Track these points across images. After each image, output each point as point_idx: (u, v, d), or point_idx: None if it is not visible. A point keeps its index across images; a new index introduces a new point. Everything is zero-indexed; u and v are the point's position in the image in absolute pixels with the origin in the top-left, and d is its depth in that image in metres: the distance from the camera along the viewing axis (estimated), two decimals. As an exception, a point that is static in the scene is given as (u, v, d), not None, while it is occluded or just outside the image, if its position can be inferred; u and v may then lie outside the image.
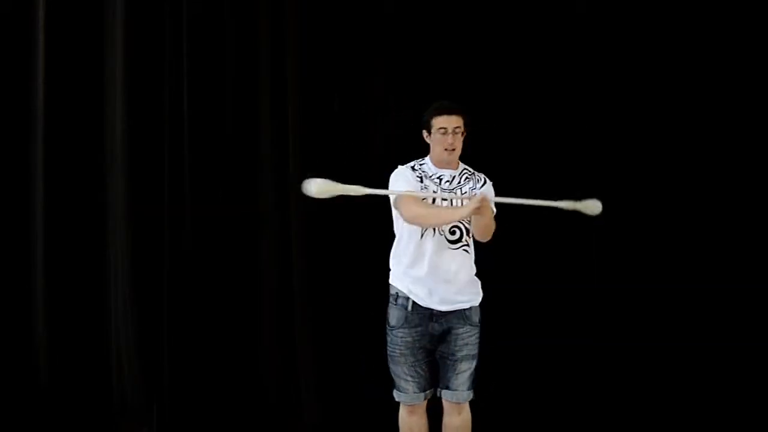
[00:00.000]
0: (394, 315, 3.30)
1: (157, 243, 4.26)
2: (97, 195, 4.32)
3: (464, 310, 3.27)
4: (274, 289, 4.27)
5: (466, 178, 3.33)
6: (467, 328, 3.29)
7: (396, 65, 4.22)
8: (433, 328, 3.27)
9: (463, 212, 3.07)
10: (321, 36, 4.23)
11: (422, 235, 3.22)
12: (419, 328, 3.26)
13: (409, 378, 3.29)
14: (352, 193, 3.12)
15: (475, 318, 3.32)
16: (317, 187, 3.09)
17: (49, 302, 4.29)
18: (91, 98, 4.31)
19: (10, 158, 4.32)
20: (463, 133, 3.27)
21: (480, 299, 3.32)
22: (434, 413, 3.42)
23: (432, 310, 3.25)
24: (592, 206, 3.21)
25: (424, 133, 3.33)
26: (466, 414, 3.37)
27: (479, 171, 3.37)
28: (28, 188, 4.31)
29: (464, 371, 3.30)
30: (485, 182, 3.34)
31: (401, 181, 3.27)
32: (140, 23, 4.23)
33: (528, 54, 4.17)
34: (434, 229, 3.22)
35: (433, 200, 3.25)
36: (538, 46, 4.17)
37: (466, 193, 3.28)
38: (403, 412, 3.39)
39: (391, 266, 3.36)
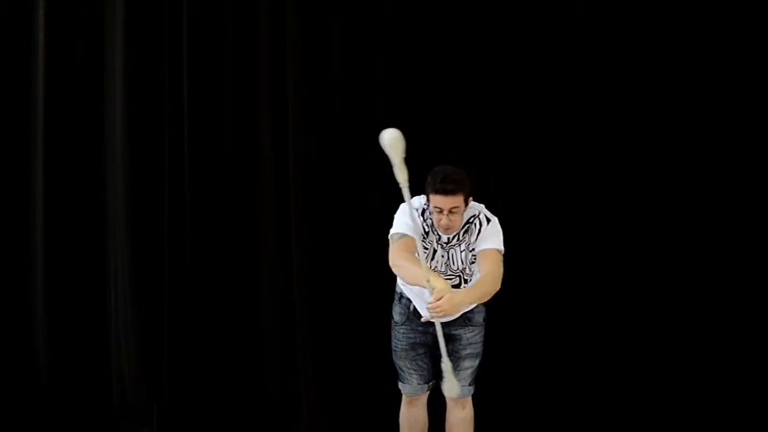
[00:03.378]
0: (397, 312, 3.36)
1: (157, 243, 4.26)
2: (97, 195, 4.32)
3: (465, 313, 3.25)
4: (275, 289, 4.26)
5: (465, 231, 3.12)
6: (469, 328, 3.30)
7: (396, 65, 4.22)
8: (434, 330, 3.26)
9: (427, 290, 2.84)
10: (321, 36, 4.23)
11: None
12: (420, 327, 3.31)
13: (413, 371, 3.35)
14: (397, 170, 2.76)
15: (479, 318, 3.32)
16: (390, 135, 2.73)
17: (49, 302, 4.29)
18: (91, 98, 4.31)
19: (10, 158, 4.32)
20: (467, 203, 3.04)
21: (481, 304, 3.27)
22: (439, 408, 3.44)
23: None
24: (449, 387, 3.00)
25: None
26: (469, 409, 3.41)
27: (481, 173, 3.37)
28: (28, 188, 4.31)
29: (466, 368, 3.33)
30: (480, 227, 3.10)
31: (403, 220, 3.06)
32: (140, 23, 4.23)
33: (528, 54, 4.17)
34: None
35: (434, 253, 3.15)
36: (538, 46, 4.17)
37: (464, 251, 3.12)
38: (403, 404, 3.44)
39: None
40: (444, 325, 3.22)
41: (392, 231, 3.10)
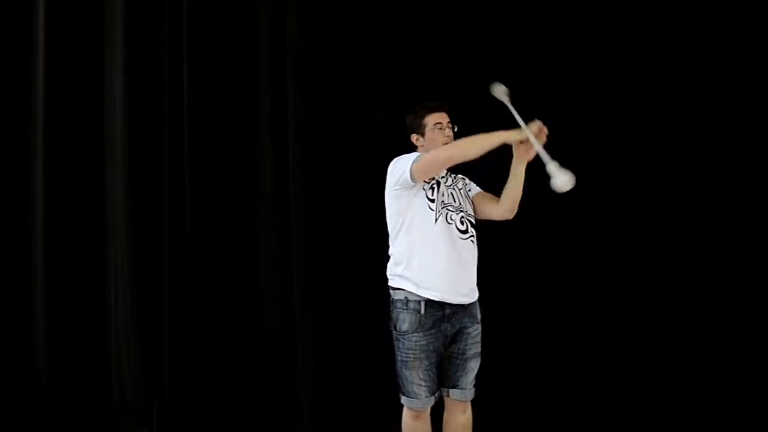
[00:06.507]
0: (405, 320, 3.22)
1: (157, 243, 4.26)
2: (97, 195, 4.33)
3: (470, 307, 3.27)
4: (275, 288, 4.27)
5: (454, 178, 3.41)
6: (475, 326, 3.29)
7: (396, 65, 4.22)
8: (446, 329, 3.23)
9: (512, 136, 3.18)
10: (321, 36, 4.24)
11: (436, 220, 3.20)
12: (432, 331, 3.21)
13: (423, 383, 3.23)
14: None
15: (479, 315, 3.32)
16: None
17: (49, 302, 4.30)
18: (91, 98, 4.32)
19: (10, 158, 4.32)
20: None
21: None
22: (433, 411, 3.43)
23: (445, 308, 3.21)
24: (561, 180, 2.98)
25: (414, 137, 3.31)
26: (470, 412, 3.37)
27: (479, 170, 3.39)
28: (28, 188, 4.32)
29: (473, 369, 3.31)
30: (463, 178, 3.44)
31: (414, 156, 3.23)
32: (140, 23, 4.24)
33: (528, 54, 4.17)
34: (445, 218, 3.21)
35: (438, 185, 3.27)
36: (538, 46, 4.17)
37: (462, 189, 3.37)
38: (408, 417, 3.32)
39: (394, 270, 3.29)
40: (456, 318, 3.23)
41: (412, 159, 3.19)
